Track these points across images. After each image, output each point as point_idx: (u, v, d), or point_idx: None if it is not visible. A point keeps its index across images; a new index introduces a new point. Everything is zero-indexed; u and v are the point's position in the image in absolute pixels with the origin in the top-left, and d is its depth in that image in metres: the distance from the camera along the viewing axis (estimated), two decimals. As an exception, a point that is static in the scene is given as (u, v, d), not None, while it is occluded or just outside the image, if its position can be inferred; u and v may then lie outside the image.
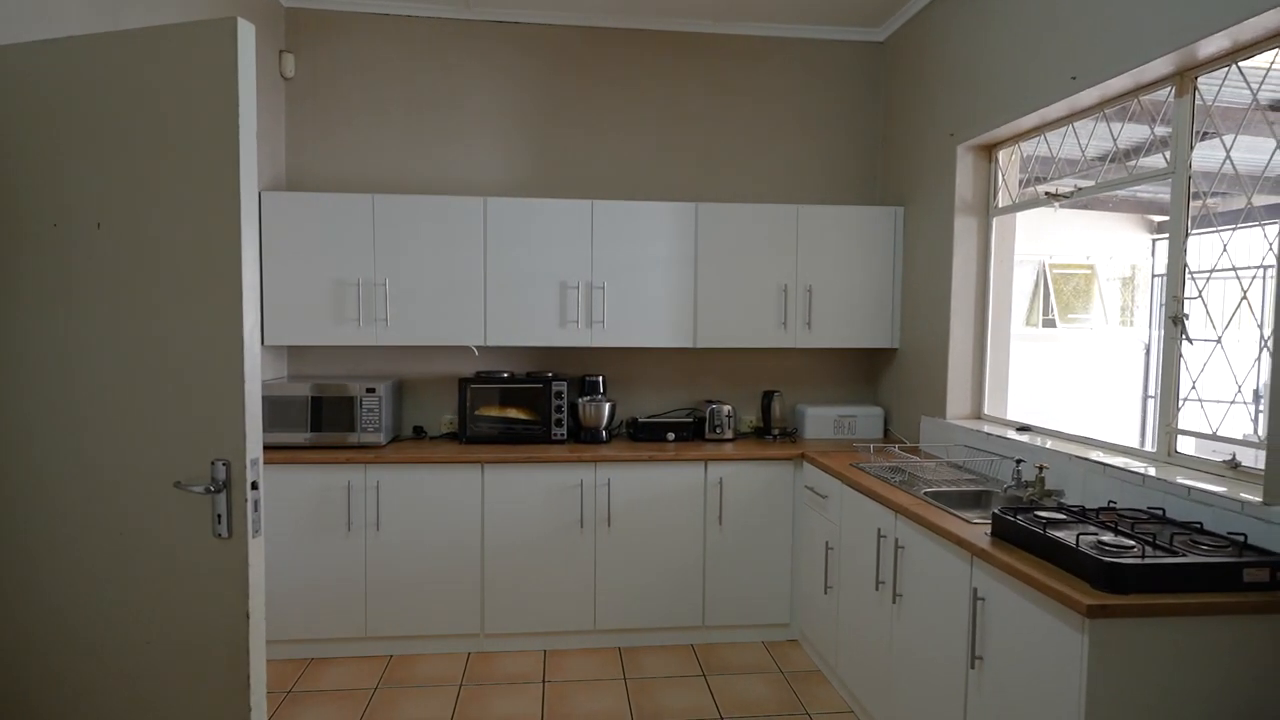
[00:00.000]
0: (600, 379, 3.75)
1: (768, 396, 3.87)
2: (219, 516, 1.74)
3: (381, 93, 3.75)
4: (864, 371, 4.11)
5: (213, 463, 1.74)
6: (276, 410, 3.34)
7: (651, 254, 3.60)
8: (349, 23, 3.70)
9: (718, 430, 3.73)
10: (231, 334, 1.73)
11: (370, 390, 3.39)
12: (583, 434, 3.64)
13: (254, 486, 1.75)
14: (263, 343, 3.42)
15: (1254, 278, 2.08)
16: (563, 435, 3.58)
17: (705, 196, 3.95)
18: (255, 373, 1.77)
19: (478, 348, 3.83)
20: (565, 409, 3.58)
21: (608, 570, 3.40)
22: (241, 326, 1.73)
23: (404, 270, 3.47)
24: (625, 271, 3.58)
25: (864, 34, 3.95)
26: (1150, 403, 4.69)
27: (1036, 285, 5.29)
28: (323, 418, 3.37)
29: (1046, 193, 2.88)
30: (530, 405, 3.57)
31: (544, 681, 3.12)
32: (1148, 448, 2.43)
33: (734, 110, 3.95)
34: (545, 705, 2.92)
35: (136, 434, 1.80)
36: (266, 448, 3.30)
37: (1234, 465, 2.10)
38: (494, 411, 3.56)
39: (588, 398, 3.65)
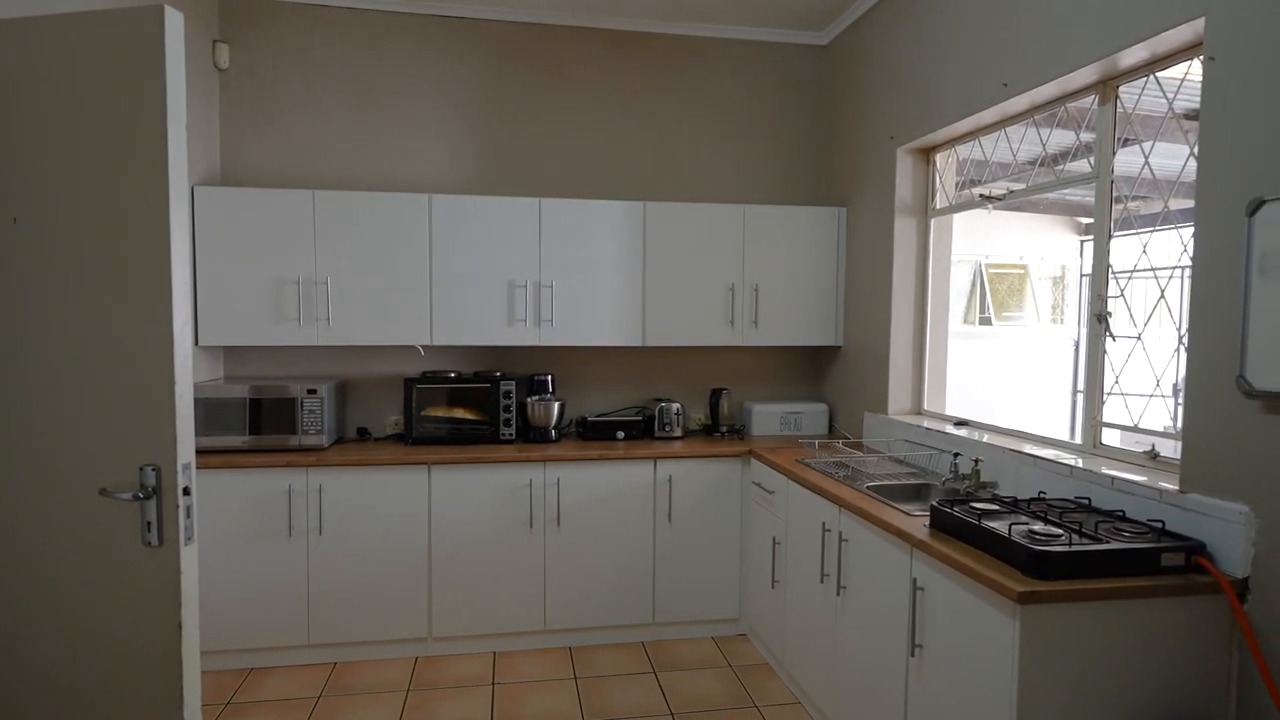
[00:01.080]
0: (549, 378, 3.73)
1: (716, 394, 3.91)
2: (149, 524, 1.68)
3: (322, 86, 3.65)
4: (809, 369, 4.19)
5: (142, 468, 1.68)
6: (213, 412, 3.23)
7: (600, 253, 3.60)
8: (287, 13, 3.60)
9: (667, 428, 3.75)
10: (161, 334, 1.67)
11: (312, 391, 3.30)
12: (532, 434, 3.61)
13: (186, 492, 1.69)
14: (196, 343, 3.31)
15: (1170, 277, 2.19)
16: (511, 435, 3.55)
17: (653, 196, 3.96)
18: (186, 374, 1.71)
19: (423, 347, 3.77)
20: (514, 409, 3.55)
21: (557, 570, 3.39)
22: (171, 326, 1.66)
23: (346, 268, 3.39)
24: (573, 270, 3.57)
25: (808, 37, 4.02)
26: (1079, 397, 4.90)
27: (974, 284, 5.47)
28: (262, 420, 3.27)
29: (981, 195, 2.98)
30: (478, 405, 3.53)
31: (493, 684, 3.09)
32: (1076, 440, 2.54)
33: (681, 110, 3.98)
34: (495, 707, 2.90)
35: (59, 440, 1.72)
36: (203, 451, 3.19)
37: (1153, 456, 2.21)
38: (441, 412, 3.51)
39: (536, 397, 3.63)
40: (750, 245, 3.73)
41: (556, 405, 3.61)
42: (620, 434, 3.70)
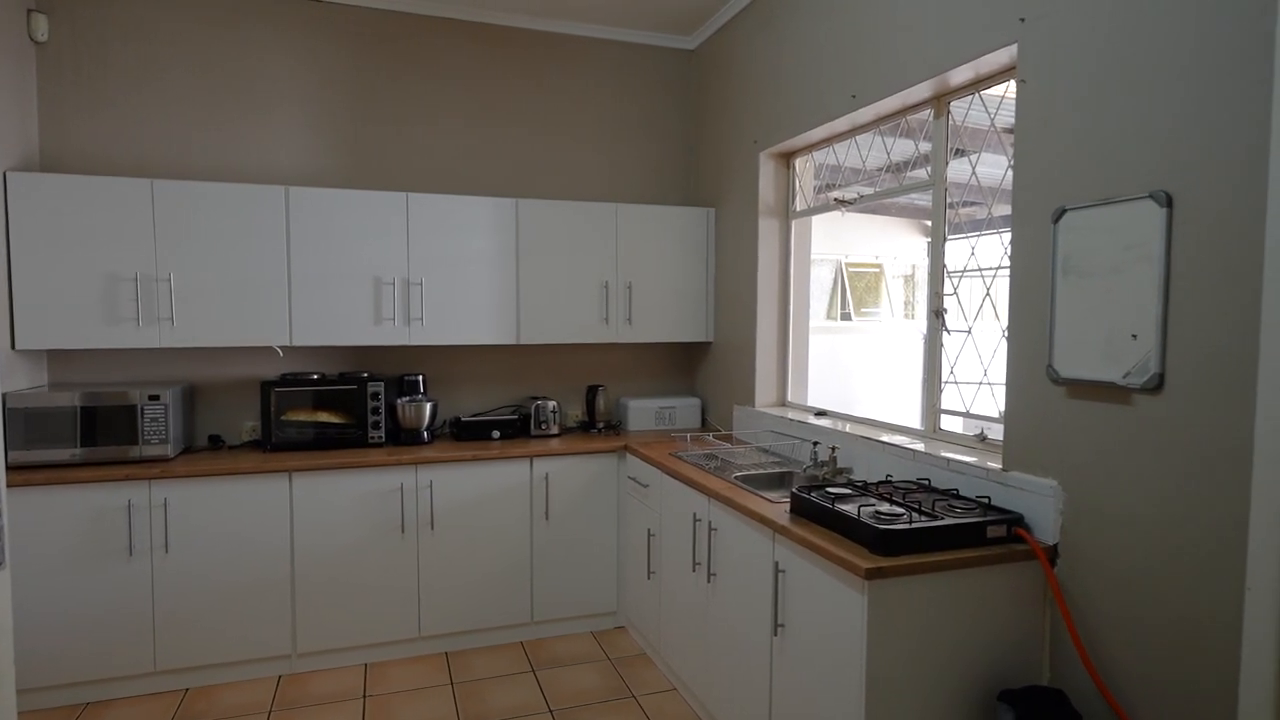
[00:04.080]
0: (420, 378, 3.63)
1: (592, 391, 3.94)
2: (-50, 550, 1.50)
3: (162, 65, 3.37)
4: (682, 364, 4.30)
5: (-60, 488, 1.50)
6: (35, 424, 2.91)
7: (471, 249, 3.54)
8: (117, -15, 3.29)
9: (543, 426, 3.75)
10: (-38, 338, 1.49)
11: (154, 397, 3.05)
12: (403, 436, 3.50)
13: (-3, 513, 1.53)
14: (12, 346, 2.98)
15: (994, 277, 2.42)
16: (381, 438, 3.43)
17: (526, 193, 3.94)
18: (-5, 382, 1.54)
19: (282, 348, 3.57)
20: (383, 410, 3.43)
21: (432, 574, 3.31)
22: (-25, 329, 1.49)
23: (192, 264, 3.15)
24: (444, 267, 3.49)
25: (676, 41, 4.12)
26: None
27: (835, 282, 5.80)
28: (96, 430, 2.99)
29: (835, 198, 3.18)
30: (344, 408, 3.38)
31: (365, 696, 2.98)
32: (920, 427, 2.75)
33: (554, 108, 3.97)
34: (366, 721, 2.80)
35: None
36: (24, 467, 2.88)
37: (982, 438, 2.44)
38: (303, 416, 3.33)
39: (407, 398, 3.52)
40: (623, 243, 3.79)
41: (429, 406, 3.52)
42: (496, 433, 3.66)
